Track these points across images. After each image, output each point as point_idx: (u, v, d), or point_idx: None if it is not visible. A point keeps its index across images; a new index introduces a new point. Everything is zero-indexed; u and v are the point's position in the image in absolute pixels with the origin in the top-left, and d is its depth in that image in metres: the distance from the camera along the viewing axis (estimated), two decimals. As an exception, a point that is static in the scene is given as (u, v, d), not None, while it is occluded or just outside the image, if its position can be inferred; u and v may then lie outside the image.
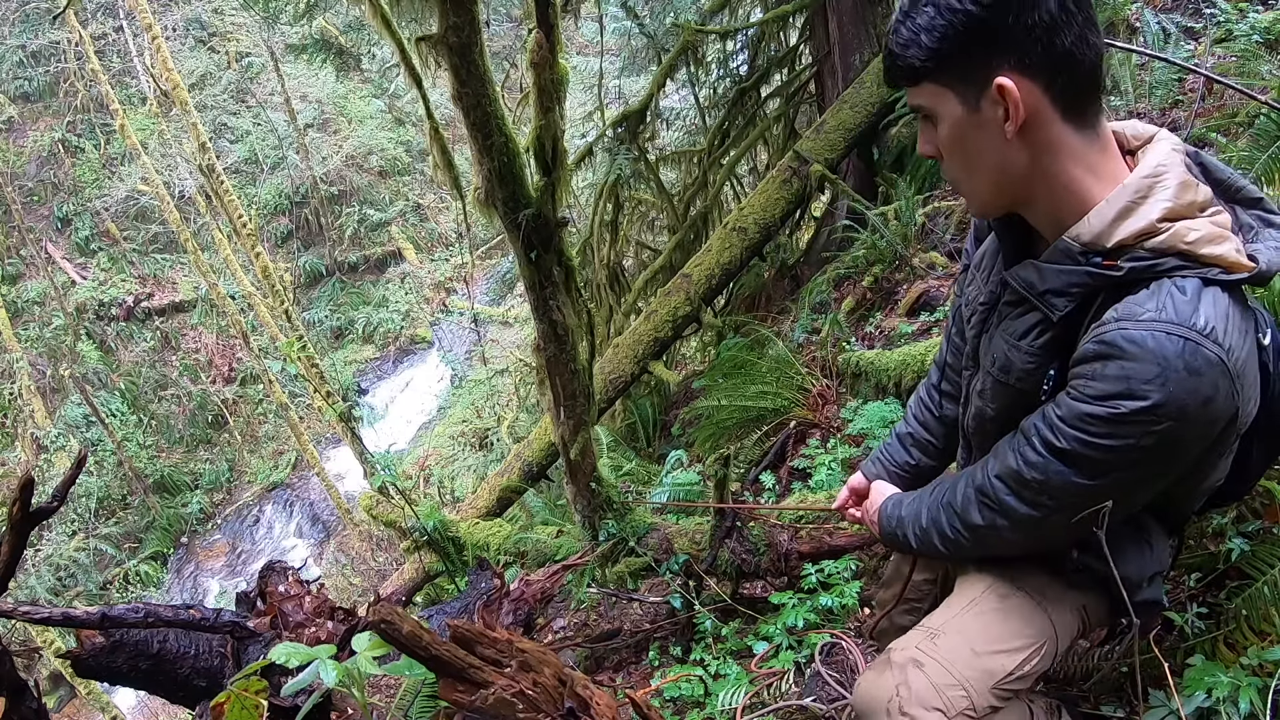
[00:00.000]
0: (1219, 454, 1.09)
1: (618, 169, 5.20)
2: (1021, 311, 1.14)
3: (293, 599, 2.09)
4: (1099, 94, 0.99)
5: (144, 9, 9.21)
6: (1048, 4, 0.91)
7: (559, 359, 2.55)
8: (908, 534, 1.32)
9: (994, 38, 0.94)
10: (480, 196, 2.21)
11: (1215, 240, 0.97)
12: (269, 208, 15.64)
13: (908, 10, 0.98)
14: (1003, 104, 0.96)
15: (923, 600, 1.62)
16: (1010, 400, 1.17)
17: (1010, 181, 1.04)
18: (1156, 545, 1.23)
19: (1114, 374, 0.95)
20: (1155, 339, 0.92)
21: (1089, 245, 1.00)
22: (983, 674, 1.16)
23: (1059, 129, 0.98)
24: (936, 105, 1.03)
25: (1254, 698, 1.25)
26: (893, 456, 1.57)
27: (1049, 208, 1.05)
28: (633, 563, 2.85)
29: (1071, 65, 0.94)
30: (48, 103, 15.54)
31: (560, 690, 1.39)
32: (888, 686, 1.19)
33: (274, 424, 14.16)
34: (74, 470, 1.47)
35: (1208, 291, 0.95)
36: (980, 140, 1.01)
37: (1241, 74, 3.19)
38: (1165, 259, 0.97)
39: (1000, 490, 1.13)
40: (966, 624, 1.23)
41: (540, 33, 2.00)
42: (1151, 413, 0.93)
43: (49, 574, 11.34)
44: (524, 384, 9.03)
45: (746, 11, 5.92)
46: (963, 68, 0.98)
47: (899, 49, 1.00)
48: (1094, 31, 0.95)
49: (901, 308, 4.01)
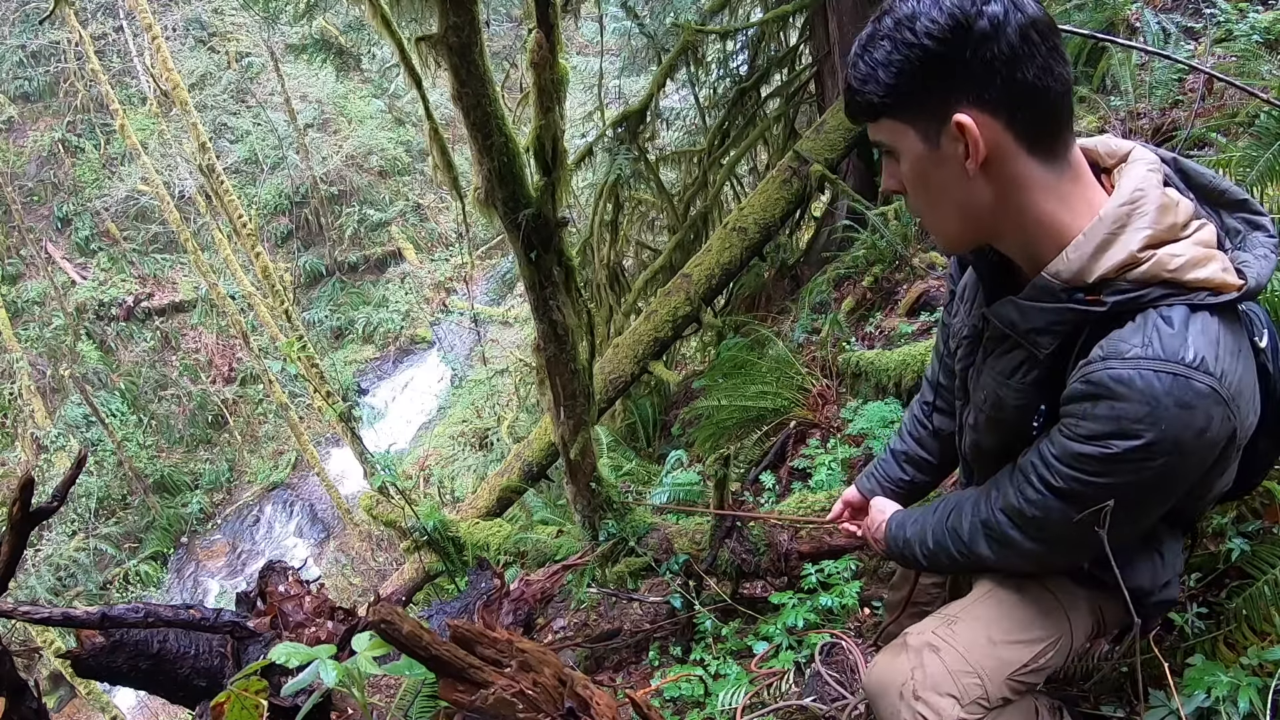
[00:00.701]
0: (1222, 470, 1.07)
1: (618, 169, 5.19)
2: (1007, 348, 1.12)
3: (293, 599, 2.09)
4: (1068, 126, 0.95)
5: (144, 9, 9.21)
6: (1007, 37, 0.87)
7: (559, 359, 2.55)
8: (915, 553, 1.31)
9: (951, 73, 0.90)
10: (480, 196, 2.21)
11: (1200, 263, 0.94)
12: (269, 208, 15.64)
13: (865, 44, 0.95)
14: (962, 140, 0.93)
15: (930, 604, 1.61)
16: (1005, 433, 1.18)
17: (976, 218, 1.00)
18: (1168, 553, 1.22)
19: (1104, 414, 0.93)
20: (1144, 378, 0.90)
21: (1069, 282, 0.97)
22: (998, 664, 1.16)
23: (1024, 164, 0.95)
24: (897, 141, 1.00)
25: (1254, 697, 1.25)
26: (888, 473, 1.56)
27: (1021, 242, 1.02)
28: (633, 563, 2.85)
29: (1034, 99, 0.91)
30: (48, 103, 15.54)
31: (560, 690, 1.39)
32: (903, 669, 1.19)
33: (274, 424, 14.17)
34: (74, 470, 1.47)
35: (1195, 318, 0.92)
36: (942, 177, 0.98)
37: (1241, 74, 3.19)
38: (1149, 289, 0.94)
39: (1004, 525, 1.13)
40: (984, 612, 1.22)
41: (540, 33, 2.00)
42: (1146, 450, 0.92)
43: (49, 574, 11.34)
44: (524, 384, 9.03)
45: (746, 11, 5.91)
46: (921, 104, 0.94)
47: (857, 84, 0.97)
48: (1059, 62, 0.91)
49: (901, 308, 4.01)
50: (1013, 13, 0.88)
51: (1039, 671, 1.19)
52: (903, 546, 1.35)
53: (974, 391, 1.24)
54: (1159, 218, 0.95)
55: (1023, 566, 1.19)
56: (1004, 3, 0.88)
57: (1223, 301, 0.94)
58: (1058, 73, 0.91)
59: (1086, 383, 0.95)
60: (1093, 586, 1.23)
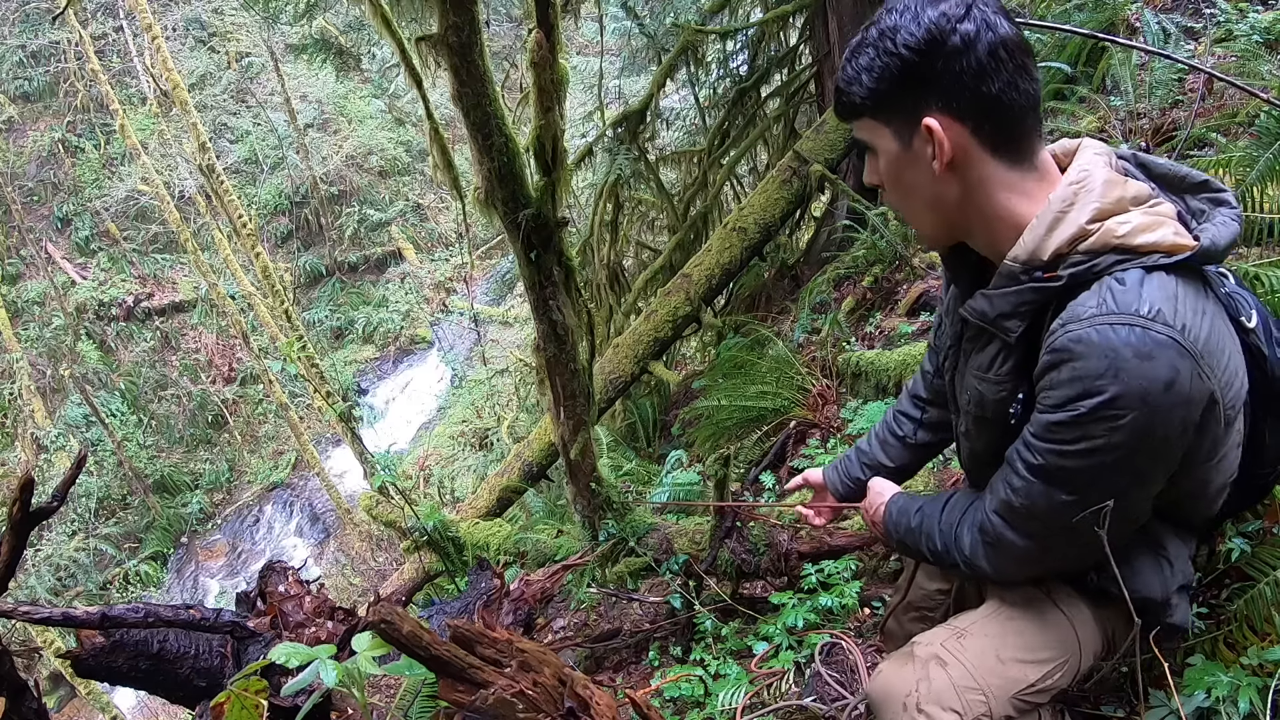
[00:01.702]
0: (1214, 450, 1.07)
1: (618, 169, 5.19)
2: (983, 344, 1.16)
3: (293, 599, 2.09)
4: (1033, 133, 1.02)
5: (144, 9, 9.21)
6: (976, 53, 0.96)
7: (559, 359, 2.55)
8: (920, 548, 1.30)
9: (923, 81, 0.99)
10: (480, 196, 2.21)
11: (1149, 228, 0.98)
12: (269, 208, 15.64)
13: (854, 50, 1.04)
14: (931, 142, 1.01)
15: (935, 609, 1.60)
16: (993, 434, 1.18)
17: (945, 212, 1.09)
18: (1176, 559, 1.20)
19: (1067, 377, 0.96)
20: (1099, 333, 0.93)
21: (1027, 262, 1.02)
22: (1005, 682, 1.15)
23: (990, 166, 1.02)
24: (875, 140, 1.09)
25: (1254, 698, 1.25)
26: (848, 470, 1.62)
27: (987, 237, 1.09)
28: (633, 563, 2.85)
29: (999, 110, 0.99)
30: (48, 103, 15.54)
31: (560, 690, 1.39)
32: (908, 680, 1.18)
33: (274, 424, 14.16)
34: (74, 470, 1.47)
35: (1151, 278, 0.96)
36: (914, 174, 1.07)
37: (1242, 74, 3.19)
38: (1102, 258, 0.98)
39: (998, 525, 1.13)
40: (995, 629, 1.21)
41: (540, 33, 2.00)
42: (1111, 406, 0.93)
43: (49, 574, 11.34)
44: (524, 384, 9.02)
45: (746, 11, 5.92)
46: (896, 107, 1.03)
47: (844, 85, 1.06)
48: (1025, 79, 0.98)
49: (901, 308, 4.01)
50: (984, 32, 0.96)
51: (1045, 691, 1.18)
52: (904, 534, 1.34)
53: (960, 395, 1.26)
54: (1105, 192, 1.00)
55: (1019, 573, 1.18)
56: (977, 22, 0.96)
57: (1178, 261, 0.97)
58: (1023, 88, 0.99)
59: (1050, 352, 0.98)
60: (1103, 604, 1.22)
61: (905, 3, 1.00)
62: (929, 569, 1.60)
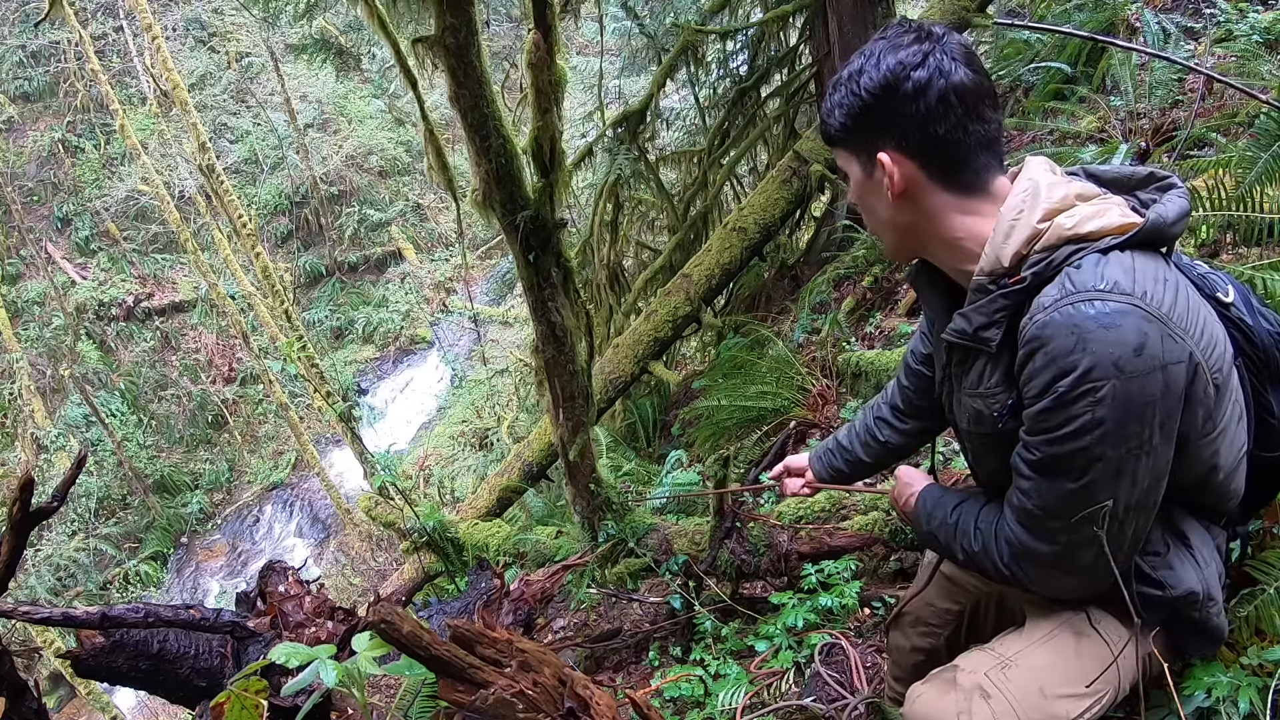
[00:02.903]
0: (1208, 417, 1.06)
1: (618, 169, 5.19)
2: (970, 364, 1.19)
3: (293, 599, 2.09)
4: (985, 167, 1.10)
5: (144, 9, 9.21)
6: (927, 99, 1.05)
7: (558, 360, 2.55)
8: (953, 542, 1.28)
9: (878, 121, 1.10)
10: (478, 198, 2.21)
11: (1096, 215, 1.04)
12: (269, 208, 15.64)
13: (834, 85, 1.15)
14: (884, 174, 1.11)
15: (944, 627, 1.59)
16: (996, 449, 1.18)
17: (902, 234, 1.19)
18: (1203, 551, 1.19)
19: (1042, 364, 1.00)
20: (1063, 313, 0.98)
21: (992, 272, 1.08)
22: (1046, 718, 1.15)
23: (940, 196, 1.11)
24: (846, 166, 1.21)
25: (1254, 698, 1.25)
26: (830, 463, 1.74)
27: (950, 258, 1.17)
28: (632, 563, 2.85)
29: (945, 149, 1.08)
30: (48, 103, 15.53)
31: (560, 690, 1.39)
32: (949, 711, 1.18)
33: (274, 424, 14.15)
34: (74, 470, 1.47)
35: (1107, 258, 1.01)
36: (874, 200, 1.18)
37: (1241, 74, 3.20)
38: (1058, 251, 1.03)
39: (1020, 535, 1.13)
40: (1041, 660, 1.20)
41: (538, 33, 2.00)
42: (1087, 379, 0.96)
43: (49, 574, 11.34)
44: (524, 384, 9.03)
45: (746, 11, 5.90)
46: (860, 141, 1.15)
47: (825, 116, 1.18)
48: (975, 121, 1.06)
49: (901, 308, 4.01)
50: (936, 79, 1.04)
51: None
52: (936, 527, 1.32)
53: (960, 422, 1.27)
54: (1050, 194, 1.06)
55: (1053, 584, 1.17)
56: (930, 70, 1.04)
57: (1130, 238, 1.02)
58: (972, 129, 1.07)
59: (1024, 345, 1.03)
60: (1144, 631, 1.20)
61: (875, 46, 1.09)
62: (942, 587, 1.59)
